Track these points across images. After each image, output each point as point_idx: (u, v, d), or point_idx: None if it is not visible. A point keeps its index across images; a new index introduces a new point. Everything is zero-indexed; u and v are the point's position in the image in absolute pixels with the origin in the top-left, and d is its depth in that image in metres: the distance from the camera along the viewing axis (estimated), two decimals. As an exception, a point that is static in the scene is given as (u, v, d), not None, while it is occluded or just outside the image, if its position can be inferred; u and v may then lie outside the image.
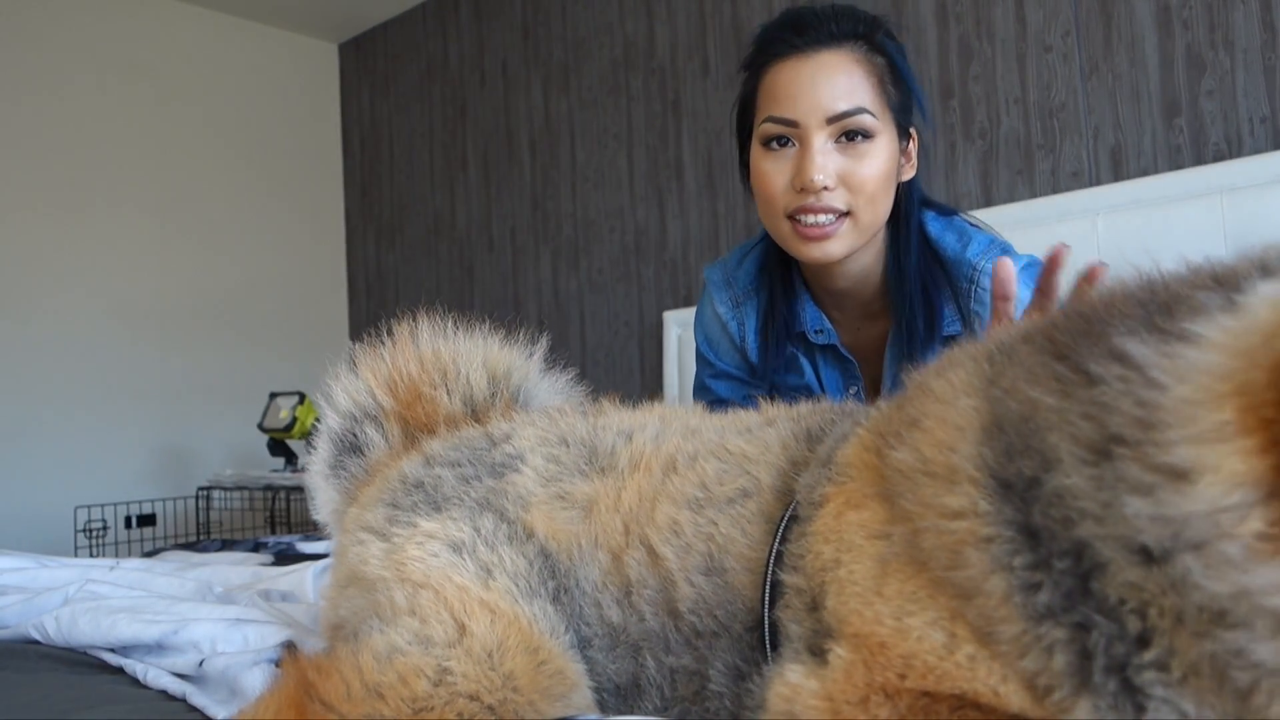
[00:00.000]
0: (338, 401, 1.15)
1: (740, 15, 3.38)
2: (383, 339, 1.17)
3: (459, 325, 1.16)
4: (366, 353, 1.16)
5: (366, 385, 1.14)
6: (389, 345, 1.15)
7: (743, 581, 0.80)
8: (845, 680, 0.65)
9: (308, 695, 0.78)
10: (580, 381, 1.26)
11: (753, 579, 0.80)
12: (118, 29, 4.16)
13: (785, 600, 0.76)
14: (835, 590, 0.71)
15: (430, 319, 1.16)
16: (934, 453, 0.66)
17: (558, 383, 1.22)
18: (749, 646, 0.79)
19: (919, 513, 0.66)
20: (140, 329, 4.11)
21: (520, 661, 0.81)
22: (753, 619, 0.79)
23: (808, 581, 0.75)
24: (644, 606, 0.84)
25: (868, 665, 0.65)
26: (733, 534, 0.83)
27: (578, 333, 3.90)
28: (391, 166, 4.72)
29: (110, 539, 3.70)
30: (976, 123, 2.84)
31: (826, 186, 1.42)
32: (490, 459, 0.99)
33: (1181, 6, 2.47)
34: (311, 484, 1.16)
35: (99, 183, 4.05)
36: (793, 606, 0.75)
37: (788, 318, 1.60)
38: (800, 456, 0.86)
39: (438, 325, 1.16)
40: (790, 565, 0.77)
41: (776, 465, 0.86)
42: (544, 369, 1.21)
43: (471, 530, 0.91)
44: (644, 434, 0.96)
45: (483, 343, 1.16)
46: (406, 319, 1.16)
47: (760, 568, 0.80)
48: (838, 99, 1.42)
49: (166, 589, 1.46)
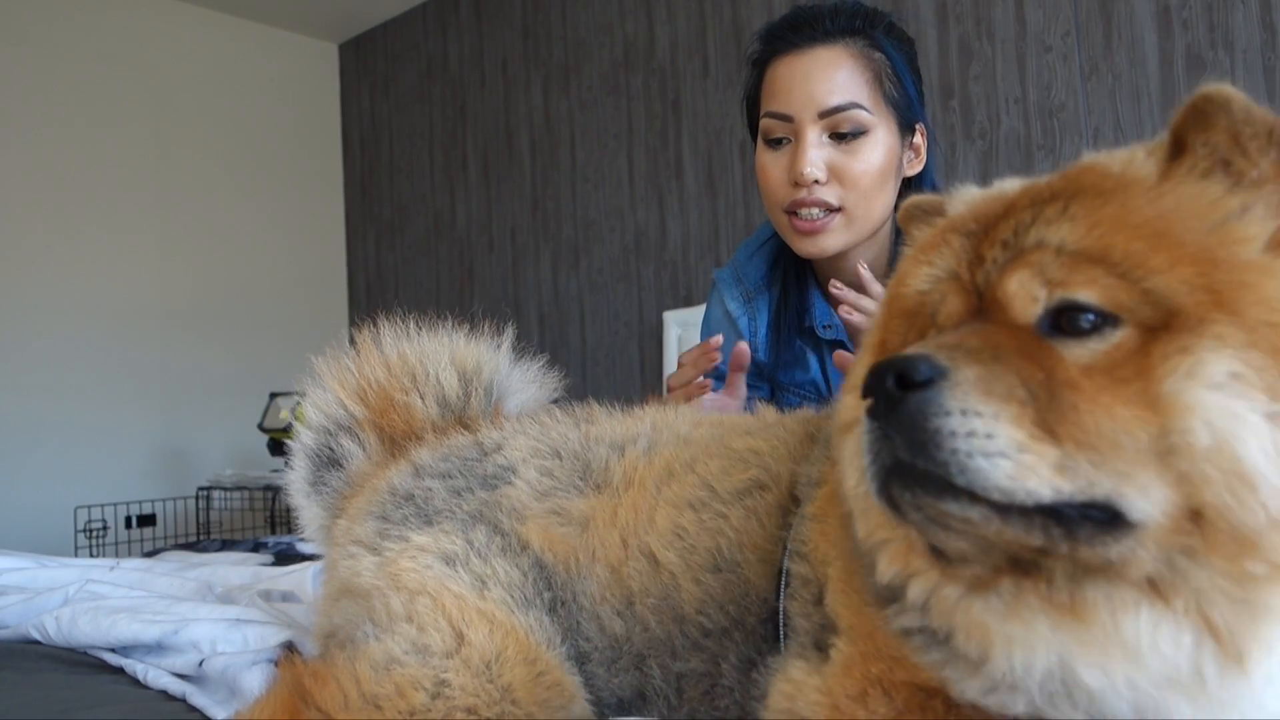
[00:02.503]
0: (308, 417, 1.13)
1: (740, 15, 3.38)
2: (345, 348, 1.13)
3: (420, 325, 1.13)
4: (330, 363, 1.13)
5: (335, 396, 1.12)
6: (353, 353, 1.13)
7: (757, 573, 0.80)
8: (844, 675, 0.66)
9: (303, 701, 0.78)
10: (581, 381, 1.25)
11: (767, 570, 0.80)
12: (118, 29, 4.16)
13: (793, 590, 0.76)
14: (830, 583, 0.72)
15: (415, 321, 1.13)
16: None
17: (529, 372, 1.20)
18: (762, 639, 0.79)
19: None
20: (140, 329, 4.11)
21: (519, 673, 0.80)
22: (766, 610, 0.79)
23: (813, 571, 0.75)
24: (648, 615, 0.84)
25: (863, 657, 0.66)
26: (747, 526, 0.82)
27: (578, 333, 3.90)
28: (391, 166, 4.72)
29: (110, 539, 3.70)
30: (976, 123, 2.84)
31: (817, 180, 1.44)
32: (482, 470, 0.98)
33: (1181, 6, 2.47)
34: (294, 503, 1.13)
35: (99, 183, 4.05)
36: (800, 598, 0.76)
37: (799, 312, 1.61)
38: (803, 453, 0.86)
39: (399, 327, 1.13)
40: (797, 553, 0.77)
41: (788, 460, 0.86)
42: (513, 359, 1.19)
43: (464, 543, 0.90)
44: (636, 447, 0.95)
45: (448, 340, 1.14)
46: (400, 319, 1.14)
47: (774, 559, 0.80)
48: (830, 94, 1.44)
49: (166, 589, 1.46)
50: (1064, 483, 0.52)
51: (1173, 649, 0.53)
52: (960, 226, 0.65)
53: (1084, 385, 0.54)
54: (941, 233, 0.67)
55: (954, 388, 0.53)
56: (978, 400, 0.53)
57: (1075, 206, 0.59)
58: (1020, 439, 0.52)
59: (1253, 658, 0.52)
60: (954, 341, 0.57)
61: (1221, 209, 0.57)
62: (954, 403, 0.53)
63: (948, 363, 0.54)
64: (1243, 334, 0.52)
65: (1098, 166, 0.62)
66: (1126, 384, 0.53)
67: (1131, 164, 0.62)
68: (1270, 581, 0.52)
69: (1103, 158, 0.64)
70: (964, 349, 0.56)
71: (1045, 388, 0.54)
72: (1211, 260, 0.54)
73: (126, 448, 4.03)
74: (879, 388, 0.54)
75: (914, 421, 0.53)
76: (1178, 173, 0.60)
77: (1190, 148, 0.60)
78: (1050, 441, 0.52)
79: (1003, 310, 0.59)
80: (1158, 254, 0.55)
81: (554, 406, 1.13)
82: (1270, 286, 0.53)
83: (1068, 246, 0.57)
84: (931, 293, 0.64)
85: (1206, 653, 0.52)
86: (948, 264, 0.64)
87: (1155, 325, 0.54)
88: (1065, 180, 0.62)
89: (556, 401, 1.21)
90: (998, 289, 0.59)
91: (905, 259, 0.70)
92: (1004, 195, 0.65)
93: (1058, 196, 0.60)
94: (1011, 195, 0.64)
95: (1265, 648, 0.52)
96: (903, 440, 0.54)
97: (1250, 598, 0.52)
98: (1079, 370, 0.54)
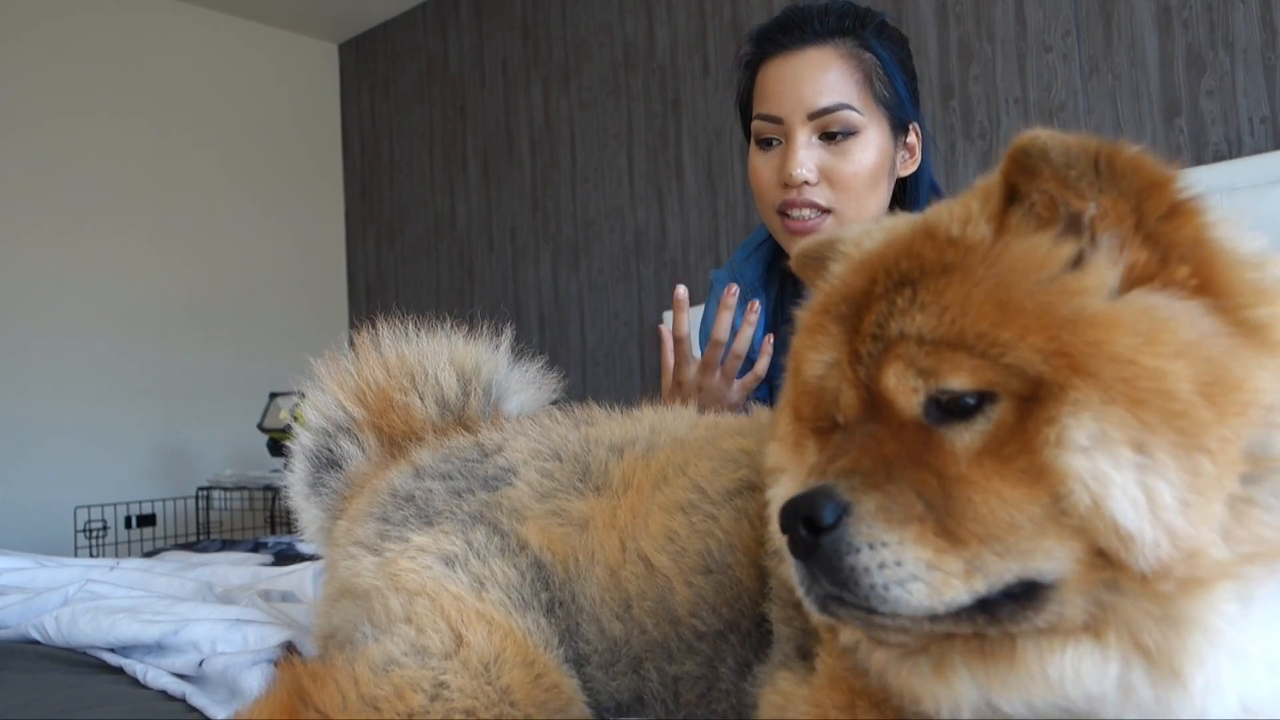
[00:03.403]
0: (308, 419, 1.13)
1: (740, 15, 3.38)
2: (343, 350, 1.14)
3: (419, 325, 1.14)
4: (329, 365, 1.14)
5: (335, 398, 1.12)
6: (352, 355, 1.13)
7: (748, 575, 0.80)
8: (830, 687, 0.66)
9: (302, 702, 0.78)
10: (581, 381, 1.25)
11: (757, 572, 0.80)
12: (118, 29, 4.16)
13: (774, 594, 0.76)
14: None
15: (414, 321, 1.13)
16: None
17: (528, 372, 1.20)
18: (757, 641, 0.79)
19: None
20: (140, 329, 4.11)
21: (517, 675, 0.80)
22: (759, 613, 0.79)
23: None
24: (645, 618, 0.84)
25: (845, 670, 0.66)
26: (737, 527, 0.82)
27: (578, 333, 3.90)
28: (391, 166, 4.72)
29: (110, 539, 3.70)
30: (976, 123, 2.84)
31: (807, 180, 1.44)
32: (482, 472, 0.98)
33: (1181, 6, 2.47)
34: (293, 505, 1.14)
35: (99, 182, 4.05)
36: (780, 601, 0.76)
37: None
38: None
39: (397, 328, 1.13)
40: (776, 553, 0.77)
41: None
42: (512, 359, 1.19)
43: (464, 544, 0.90)
44: (634, 449, 0.95)
45: (447, 341, 1.14)
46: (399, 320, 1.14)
47: (763, 560, 0.80)
48: (819, 95, 1.45)
49: (166, 589, 1.46)
50: (977, 583, 0.54)
51: (1097, 681, 0.55)
52: (834, 310, 0.66)
53: (974, 476, 0.56)
54: (819, 317, 0.67)
55: (857, 522, 0.56)
56: (881, 530, 0.56)
57: (922, 293, 0.60)
58: (927, 557, 0.55)
59: (1187, 671, 0.54)
60: (849, 466, 0.59)
61: (1055, 261, 0.57)
62: (860, 538, 0.56)
63: (849, 497, 0.57)
64: (1098, 393, 0.53)
65: (938, 232, 0.62)
66: (1012, 461, 0.55)
67: (968, 223, 0.61)
68: (1182, 594, 0.53)
69: (944, 215, 0.63)
70: (860, 473, 0.58)
71: (940, 492, 0.56)
72: (1056, 321, 0.55)
73: (126, 448, 4.03)
74: (794, 531, 0.58)
75: (830, 563, 0.56)
76: (1011, 224, 0.60)
77: (1024, 196, 0.60)
78: (954, 550, 0.55)
79: (888, 404, 0.60)
80: (1005, 328, 0.56)
81: (554, 408, 1.13)
82: (1117, 341, 0.54)
83: (926, 336, 0.58)
84: (826, 378, 0.65)
85: (1137, 674, 0.54)
86: (833, 354, 0.65)
87: (1027, 395, 0.56)
88: (909, 258, 0.62)
89: (556, 402, 1.21)
90: (878, 384, 0.61)
91: (797, 338, 0.70)
92: (868, 264, 0.65)
93: (905, 282, 0.61)
94: (871, 269, 0.64)
95: (1196, 659, 0.54)
96: (826, 579, 0.57)
97: (1170, 613, 0.54)
98: (969, 459, 0.57)
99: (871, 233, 0.70)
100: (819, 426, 0.67)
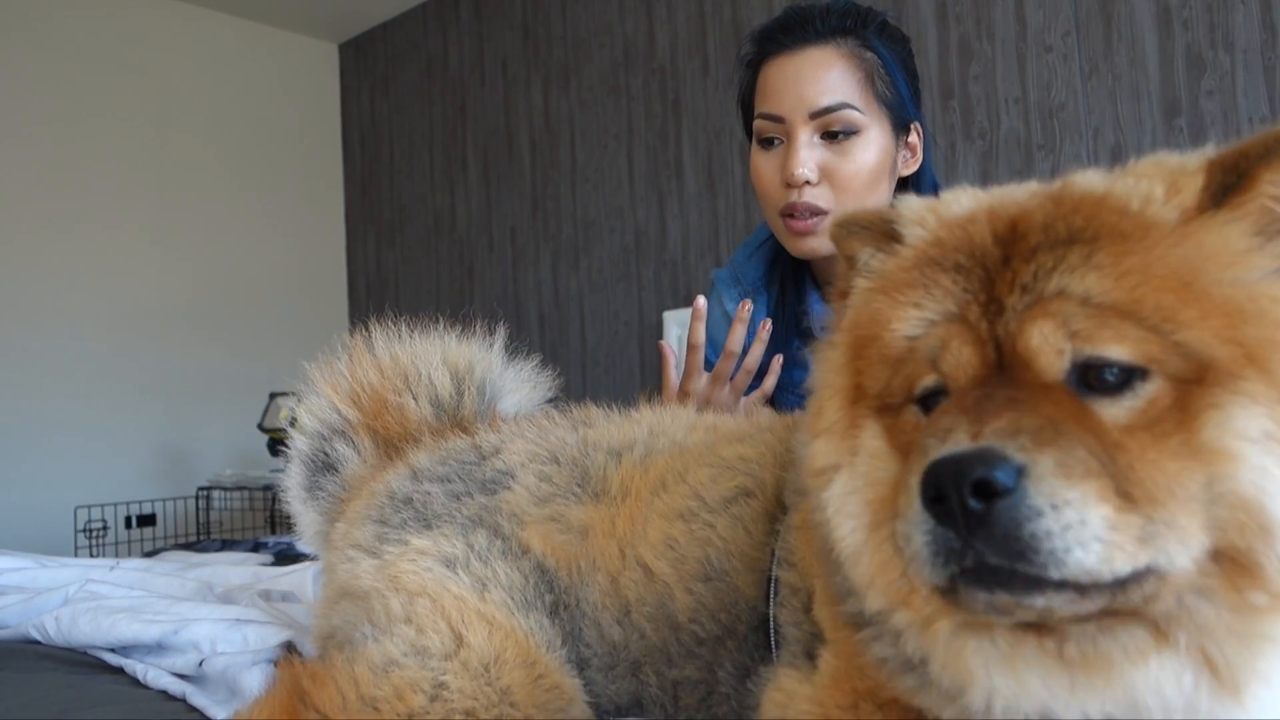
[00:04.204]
0: (302, 422, 1.13)
1: (740, 15, 3.38)
2: (337, 352, 1.14)
3: (414, 326, 1.14)
4: (323, 368, 1.14)
5: (329, 401, 1.12)
6: (345, 357, 1.13)
7: (746, 581, 0.80)
8: (834, 686, 0.66)
9: (302, 702, 0.78)
10: (580, 381, 1.25)
11: (755, 578, 0.80)
12: (118, 29, 4.16)
13: (783, 598, 0.76)
14: (816, 594, 0.72)
15: (410, 322, 1.13)
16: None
17: (523, 371, 1.20)
18: (755, 646, 0.79)
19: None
20: (140, 329, 4.11)
21: (517, 676, 0.80)
22: (757, 618, 0.79)
23: (801, 580, 0.75)
24: (644, 623, 0.84)
25: (849, 672, 0.66)
26: (733, 534, 0.82)
27: (578, 333, 3.90)
28: (391, 166, 4.72)
29: (110, 539, 3.70)
30: (976, 123, 2.84)
31: (809, 180, 1.45)
32: (480, 475, 0.98)
33: (1181, 6, 2.47)
34: (291, 509, 1.14)
35: (99, 183, 4.05)
36: (790, 606, 0.76)
37: (797, 312, 1.61)
38: (790, 459, 0.86)
39: (390, 330, 1.13)
40: (786, 561, 0.77)
41: (774, 466, 0.86)
42: (507, 359, 1.19)
43: (464, 546, 0.90)
44: (632, 454, 0.95)
45: (440, 341, 1.14)
46: (399, 321, 1.14)
47: (763, 566, 0.80)
48: (821, 94, 1.45)
49: (166, 589, 1.46)
50: (1144, 554, 0.51)
51: (1175, 690, 0.53)
52: (947, 261, 0.61)
53: (1130, 444, 0.53)
54: (920, 269, 0.62)
55: (1038, 482, 0.51)
56: (1064, 487, 0.51)
57: (1100, 254, 0.56)
58: (1109, 515, 0.51)
59: (1248, 689, 0.53)
60: (1010, 425, 0.53)
61: (1255, 265, 0.56)
62: (1042, 499, 0.51)
63: (1021, 457, 0.52)
64: (1274, 391, 0.53)
65: (1115, 202, 0.59)
66: (1168, 438, 0.53)
67: (1150, 202, 0.59)
68: (1270, 611, 0.53)
69: (1118, 189, 0.60)
70: (1027, 432, 0.53)
71: (1105, 455, 0.53)
72: (1240, 313, 0.54)
73: (126, 448, 4.03)
74: (955, 502, 0.52)
75: (1007, 532, 0.51)
76: (1204, 215, 0.58)
77: (1256, 183, 0.57)
78: (1132, 511, 0.52)
79: (1024, 365, 0.56)
80: (1188, 306, 0.54)
81: (551, 408, 1.13)
82: None
83: (1094, 298, 0.55)
84: (925, 338, 0.60)
85: (1203, 688, 0.53)
86: (944, 307, 0.60)
87: (1187, 378, 0.54)
88: (1083, 218, 0.59)
89: (554, 401, 1.20)
90: (1019, 340, 0.56)
91: (870, 294, 0.65)
92: (987, 223, 0.61)
93: (1078, 239, 0.58)
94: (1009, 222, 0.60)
95: (1261, 679, 0.53)
96: (993, 549, 0.52)
97: (1249, 629, 0.53)
98: (1119, 429, 0.54)
99: (959, 196, 0.67)
100: (887, 403, 0.62)
